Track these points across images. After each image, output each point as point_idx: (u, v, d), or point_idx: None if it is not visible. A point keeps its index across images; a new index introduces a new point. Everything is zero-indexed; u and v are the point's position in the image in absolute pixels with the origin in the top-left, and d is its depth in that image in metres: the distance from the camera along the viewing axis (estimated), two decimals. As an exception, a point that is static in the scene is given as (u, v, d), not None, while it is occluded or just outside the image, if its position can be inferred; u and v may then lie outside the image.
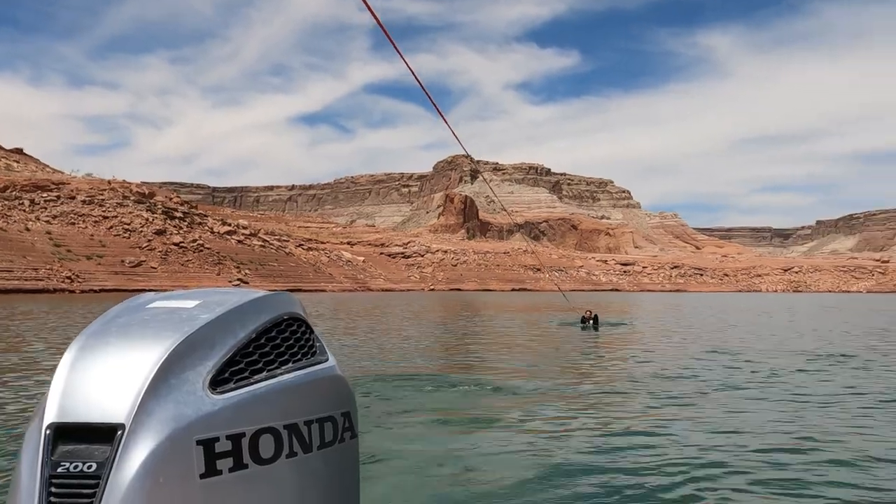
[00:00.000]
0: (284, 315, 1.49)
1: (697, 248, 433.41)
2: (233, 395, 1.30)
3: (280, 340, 1.45)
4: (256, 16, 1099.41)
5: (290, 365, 1.44)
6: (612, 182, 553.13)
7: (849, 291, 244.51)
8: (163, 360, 1.24)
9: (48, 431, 1.20)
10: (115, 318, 1.38)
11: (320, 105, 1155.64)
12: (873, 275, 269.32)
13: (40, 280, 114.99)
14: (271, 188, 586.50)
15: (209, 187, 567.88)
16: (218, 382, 1.30)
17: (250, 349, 1.38)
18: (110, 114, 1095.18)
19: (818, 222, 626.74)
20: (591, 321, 30.58)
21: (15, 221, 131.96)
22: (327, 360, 1.55)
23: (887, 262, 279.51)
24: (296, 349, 1.47)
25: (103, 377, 1.23)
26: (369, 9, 3.82)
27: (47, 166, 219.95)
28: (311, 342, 1.53)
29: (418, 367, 15.65)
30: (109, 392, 1.22)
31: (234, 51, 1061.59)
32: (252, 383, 1.34)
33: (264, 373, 1.38)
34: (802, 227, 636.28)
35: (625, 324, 35.48)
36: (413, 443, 8.21)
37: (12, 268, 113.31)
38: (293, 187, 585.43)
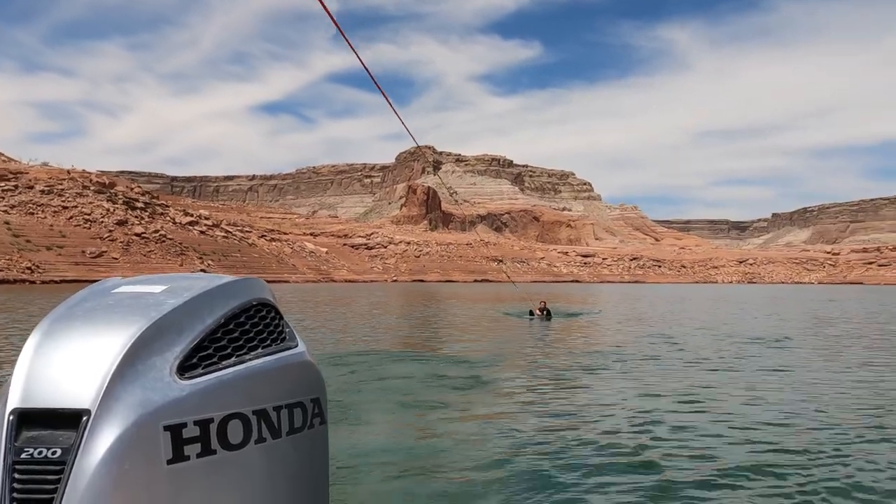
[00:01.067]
0: (254, 301, 1.48)
1: (657, 239, 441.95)
2: (201, 380, 1.30)
3: (249, 326, 1.44)
4: (216, 2, 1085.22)
5: (260, 350, 1.43)
6: (573, 174, 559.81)
7: (801, 283, 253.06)
8: (129, 344, 1.23)
9: (11, 417, 1.19)
10: (81, 303, 1.37)
11: (282, 94, 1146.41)
12: (824, 267, 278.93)
13: (0, 271, 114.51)
14: (231, 178, 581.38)
15: (168, 176, 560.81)
16: (186, 368, 1.29)
17: (219, 335, 1.37)
18: (65, 101, 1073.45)
19: (774, 215, 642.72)
20: (544, 312, 30.46)
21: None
22: (297, 345, 1.54)
23: (837, 254, 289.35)
24: (265, 335, 1.47)
25: (68, 362, 1.22)
26: (324, 6, 3.92)
27: (2, 154, 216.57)
28: (280, 328, 1.53)
29: (373, 350, 17.67)
30: (75, 377, 1.21)
31: (193, 38, 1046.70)
32: (220, 369, 1.34)
33: (233, 358, 1.37)
34: (759, 220, 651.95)
35: (583, 314, 36.84)
36: (375, 425, 8.64)
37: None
38: (254, 177, 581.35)
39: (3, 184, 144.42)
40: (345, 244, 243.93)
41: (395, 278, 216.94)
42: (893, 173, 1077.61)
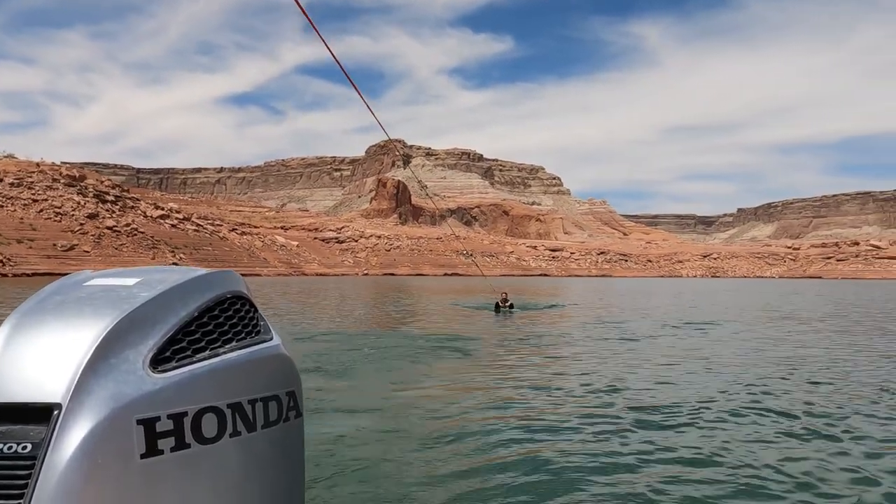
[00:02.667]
0: (228, 293, 1.49)
1: (625, 234, 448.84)
2: (174, 373, 1.30)
3: (223, 319, 1.45)
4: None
5: (234, 344, 1.44)
6: (543, 169, 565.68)
7: (762, 277, 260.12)
8: (102, 337, 1.24)
9: None
10: (52, 296, 1.37)
11: (250, 85, 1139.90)
12: (785, 261, 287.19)
13: None
14: (199, 170, 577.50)
15: (133, 168, 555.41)
16: (159, 361, 1.30)
17: (193, 328, 1.38)
18: (27, 90, 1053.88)
19: (739, 210, 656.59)
20: (508, 306, 30.55)
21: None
22: (272, 338, 1.56)
23: (798, 249, 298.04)
24: (240, 328, 1.48)
25: (39, 355, 1.22)
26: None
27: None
28: (255, 321, 1.54)
29: (342, 330, 21.19)
30: (45, 371, 1.21)
31: (160, 27, 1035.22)
32: (194, 362, 1.34)
33: (207, 351, 1.38)
34: (724, 215, 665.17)
35: (547, 306, 37.53)
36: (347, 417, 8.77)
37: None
38: (222, 170, 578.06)
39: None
40: (315, 238, 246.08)
41: (365, 272, 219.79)
42: (855, 169, 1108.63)
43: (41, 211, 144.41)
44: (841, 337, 20.90)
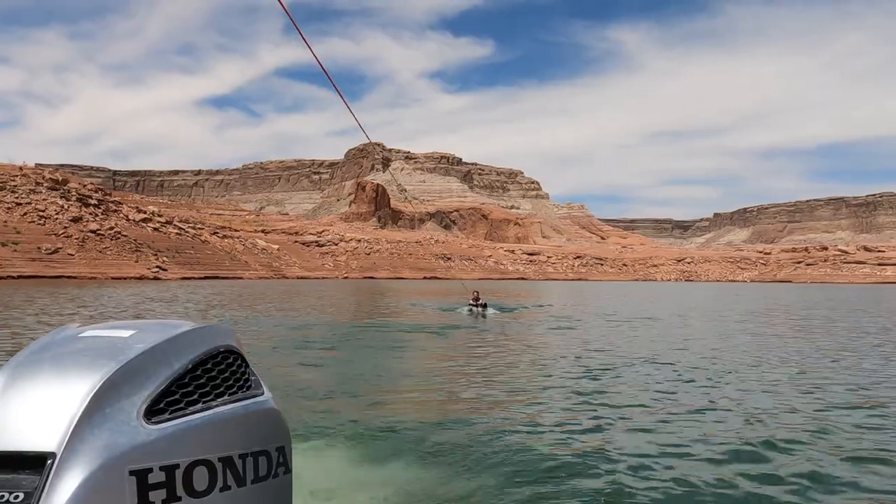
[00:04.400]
0: (221, 347, 1.51)
1: (602, 238, 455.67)
2: (168, 425, 1.31)
3: (216, 373, 1.48)
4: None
5: (226, 397, 1.46)
6: (521, 173, 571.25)
7: (735, 281, 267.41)
8: (97, 388, 1.25)
9: None
10: (48, 346, 1.39)
11: (229, 87, 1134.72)
12: (756, 265, 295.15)
13: None
14: (176, 172, 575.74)
15: (109, 170, 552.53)
16: (153, 413, 1.31)
17: (186, 380, 1.40)
18: (1, 90, 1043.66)
19: (715, 215, 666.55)
20: (480, 307, 31.55)
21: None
22: (262, 393, 1.58)
23: (769, 254, 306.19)
24: (231, 382, 1.50)
25: (34, 404, 1.23)
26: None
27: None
28: (246, 375, 1.57)
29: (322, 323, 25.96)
30: (40, 420, 1.21)
31: (138, 27, 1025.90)
32: (187, 415, 1.36)
33: (200, 404, 1.39)
34: (701, 220, 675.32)
35: (518, 308, 40.69)
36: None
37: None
38: (199, 172, 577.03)
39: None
40: (296, 241, 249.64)
41: (345, 275, 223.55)
42: (831, 175, 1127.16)
43: (25, 214, 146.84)
44: (725, 327, 26.24)
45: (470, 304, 32.33)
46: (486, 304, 32.30)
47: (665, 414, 9.88)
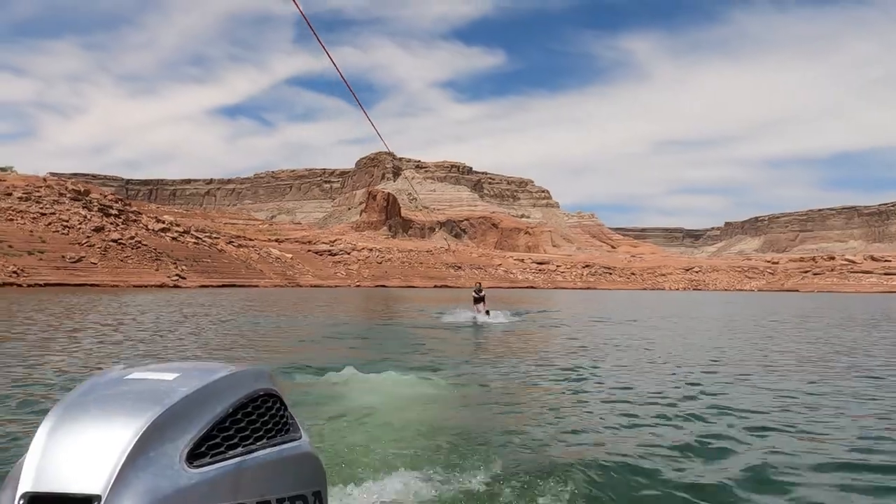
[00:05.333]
0: (260, 391, 1.55)
1: (613, 247, 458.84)
2: (209, 469, 1.35)
3: (256, 416, 1.51)
4: (175, 3, 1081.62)
5: (265, 441, 1.50)
6: (532, 182, 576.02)
7: (742, 290, 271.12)
8: (142, 431, 1.28)
9: (22, 501, 1.23)
10: (94, 389, 1.43)
11: (241, 97, 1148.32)
12: (764, 275, 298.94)
13: None
14: (189, 181, 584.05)
15: (123, 179, 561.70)
16: (195, 456, 1.34)
17: (227, 424, 1.43)
18: (16, 101, 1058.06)
19: (727, 224, 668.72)
20: (481, 294, 33.46)
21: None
22: (300, 437, 1.62)
23: (777, 263, 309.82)
24: (270, 425, 1.54)
25: (81, 447, 1.27)
26: (298, 8, 4.08)
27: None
28: (285, 419, 1.61)
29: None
30: (87, 462, 1.25)
31: (151, 39, 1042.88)
32: (228, 458, 1.39)
33: (240, 448, 1.43)
34: (712, 229, 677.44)
35: (527, 312, 44.40)
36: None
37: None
38: (212, 181, 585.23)
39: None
40: (309, 250, 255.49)
41: (358, 283, 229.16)
42: (842, 184, 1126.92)
43: (49, 224, 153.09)
44: (697, 332, 31.30)
45: (473, 295, 34.19)
46: (484, 299, 33.67)
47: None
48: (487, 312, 32.49)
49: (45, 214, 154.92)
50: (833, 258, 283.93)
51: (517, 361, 16.83)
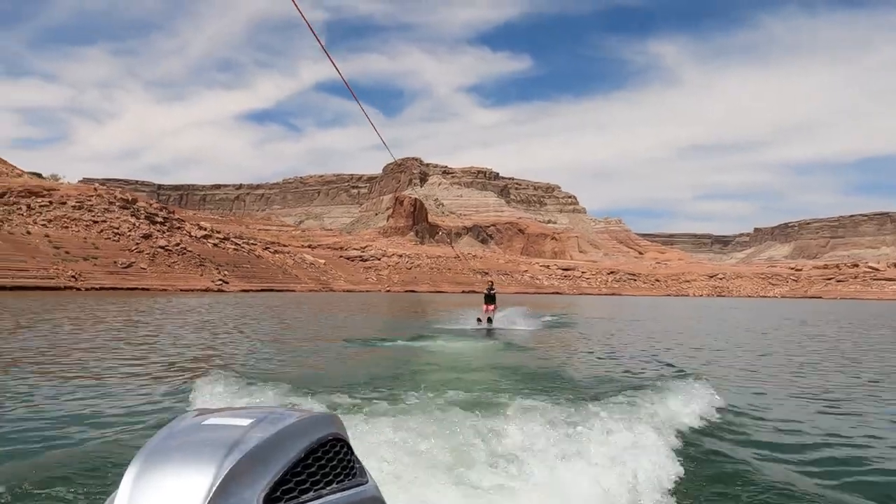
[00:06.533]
0: (329, 436, 1.63)
1: (640, 253, 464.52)
2: None
3: (325, 461, 1.59)
4: (205, 9, 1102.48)
5: (335, 486, 1.57)
6: (558, 187, 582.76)
7: (766, 296, 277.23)
8: (222, 478, 1.36)
9: None
10: (173, 436, 1.51)
11: (269, 102, 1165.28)
12: (787, 282, 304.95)
13: (51, 278, 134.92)
14: (218, 187, 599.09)
15: (154, 185, 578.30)
16: (271, 501, 1.42)
17: (299, 469, 1.51)
18: (49, 107, 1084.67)
19: (756, 230, 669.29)
20: (492, 300, 34.04)
21: (17, 225, 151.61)
22: (367, 481, 1.68)
23: (800, 270, 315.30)
24: (339, 470, 1.61)
25: (166, 494, 1.34)
26: (301, 13, 4.39)
27: (15, 168, 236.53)
28: (352, 463, 1.67)
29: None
30: None
31: (181, 45, 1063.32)
32: (301, 503, 1.47)
33: (311, 493, 1.50)
34: (741, 235, 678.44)
35: (555, 316, 51.48)
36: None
37: (27, 267, 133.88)
38: (241, 186, 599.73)
39: (39, 200, 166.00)
40: (341, 256, 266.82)
41: (388, 288, 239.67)
42: (873, 189, 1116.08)
43: (101, 231, 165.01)
44: (678, 332, 40.77)
45: (484, 293, 35.01)
46: (495, 299, 34.56)
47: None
48: (489, 320, 32.93)
49: (96, 222, 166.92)
50: (857, 265, 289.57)
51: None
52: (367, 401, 10.63)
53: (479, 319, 33.04)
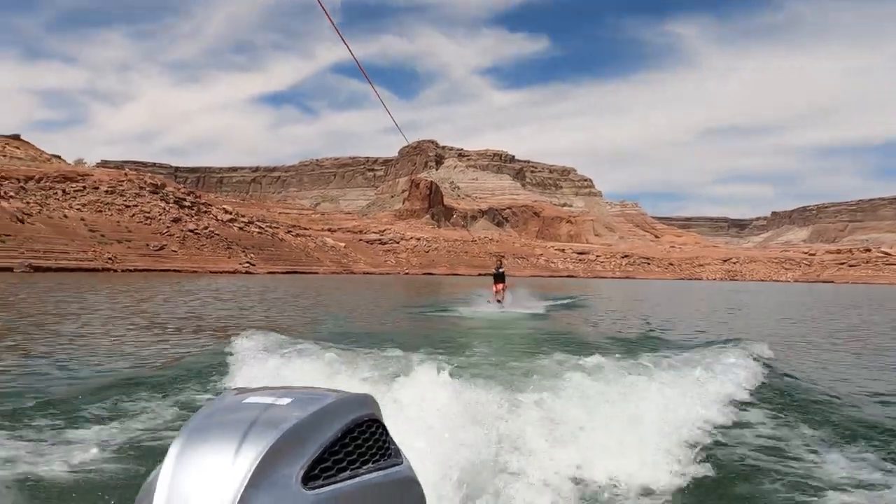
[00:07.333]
0: (365, 416, 1.65)
1: (656, 236, 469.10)
2: (322, 491, 1.45)
3: (361, 441, 1.61)
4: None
5: (371, 465, 1.59)
6: (574, 170, 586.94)
7: (778, 281, 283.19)
8: (263, 454, 1.40)
9: None
10: (214, 414, 1.56)
11: (285, 85, 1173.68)
12: (800, 266, 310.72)
13: (91, 261, 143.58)
14: (235, 169, 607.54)
15: (171, 167, 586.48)
16: (310, 478, 1.45)
17: (336, 448, 1.54)
18: (67, 89, 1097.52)
19: (773, 214, 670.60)
20: (501, 279, 33.20)
21: (54, 209, 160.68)
22: (402, 462, 1.70)
23: (813, 254, 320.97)
24: (374, 450, 1.63)
25: (207, 471, 1.39)
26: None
27: (44, 153, 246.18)
28: (387, 444, 1.69)
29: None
30: (211, 486, 1.36)
31: (197, 27, 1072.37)
32: (338, 481, 1.49)
33: (348, 471, 1.53)
34: (758, 218, 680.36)
35: (571, 298, 53.38)
36: None
37: (68, 250, 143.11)
38: (257, 169, 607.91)
39: (73, 185, 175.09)
40: (360, 239, 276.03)
41: (406, 271, 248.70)
42: (894, 173, 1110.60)
43: (133, 215, 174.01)
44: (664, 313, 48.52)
45: (493, 272, 34.62)
46: (504, 278, 33.75)
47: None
48: (500, 302, 32.36)
49: (128, 206, 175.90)
50: (869, 250, 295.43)
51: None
52: (432, 355, 12.72)
53: (489, 301, 32.50)
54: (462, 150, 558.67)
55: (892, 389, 12.70)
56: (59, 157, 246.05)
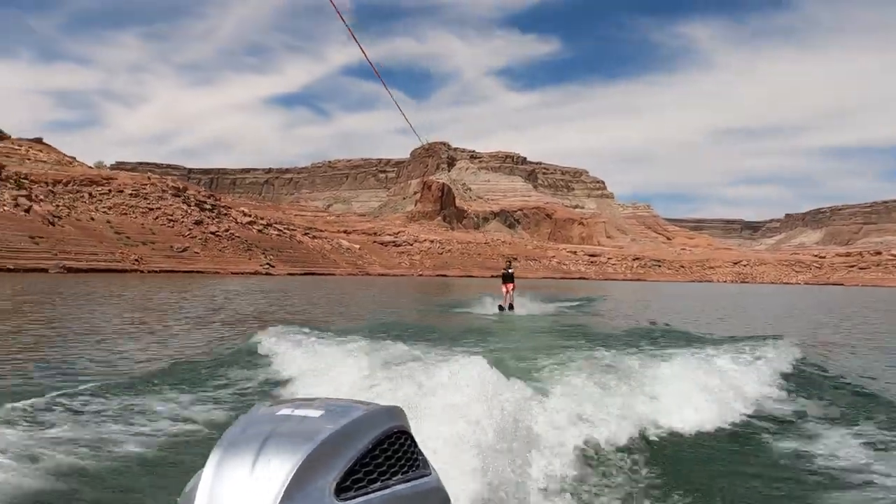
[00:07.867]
0: (395, 428, 1.72)
1: (668, 238, 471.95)
2: (354, 502, 1.51)
3: (391, 452, 1.67)
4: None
5: (400, 476, 1.65)
6: (586, 172, 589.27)
7: (788, 283, 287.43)
8: (298, 467, 1.46)
9: None
10: (250, 426, 1.62)
11: (297, 86, 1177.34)
12: (811, 269, 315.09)
13: (118, 262, 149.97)
14: (248, 171, 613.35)
15: (185, 168, 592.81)
16: (342, 490, 1.51)
17: (367, 459, 1.59)
18: (81, 90, 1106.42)
19: (787, 216, 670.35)
20: (510, 280, 32.97)
21: (82, 212, 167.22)
22: (430, 473, 1.77)
23: (823, 257, 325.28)
24: (403, 461, 1.70)
25: (244, 483, 1.45)
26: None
27: (65, 156, 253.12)
28: (416, 455, 1.76)
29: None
30: (248, 498, 1.42)
31: (210, 29, 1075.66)
32: (370, 493, 1.55)
33: (379, 483, 1.59)
34: (771, 220, 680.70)
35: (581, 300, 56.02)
36: None
37: (97, 251, 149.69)
38: (270, 171, 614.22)
39: (99, 188, 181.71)
40: (375, 241, 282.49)
41: (420, 273, 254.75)
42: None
43: (157, 218, 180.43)
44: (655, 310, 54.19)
45: (502, 272, 34.53)
46: (514, 278, 33.61)
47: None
48: (511, 307, 32.37)
49: (152, 209, 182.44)
50: (879, 253, 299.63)
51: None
52: (458, 342, 14.88)
53: (500, 307, 32.53)
54: (474, 151, 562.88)
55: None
56: (74, 158, 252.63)
